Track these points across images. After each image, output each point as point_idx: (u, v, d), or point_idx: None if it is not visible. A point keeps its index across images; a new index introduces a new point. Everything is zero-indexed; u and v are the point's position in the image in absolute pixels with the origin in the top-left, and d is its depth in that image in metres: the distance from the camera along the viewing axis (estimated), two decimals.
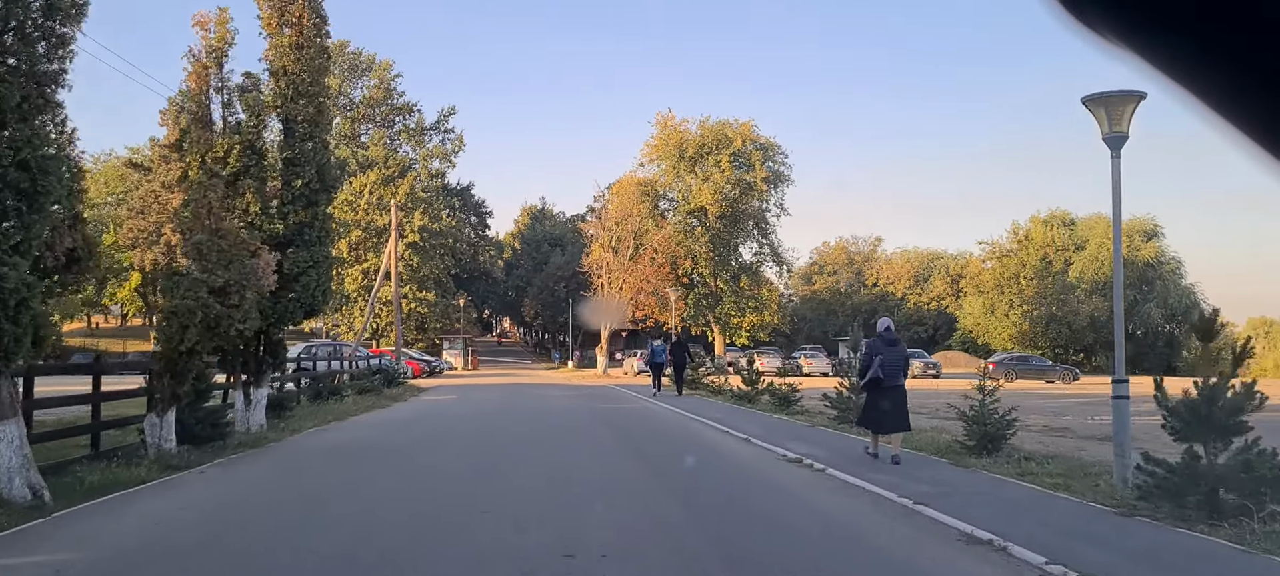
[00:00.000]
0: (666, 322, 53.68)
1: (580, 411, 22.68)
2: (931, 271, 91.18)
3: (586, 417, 21.09)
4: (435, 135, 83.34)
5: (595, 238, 50.28)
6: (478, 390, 34.19)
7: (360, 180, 63.95)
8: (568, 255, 76.33)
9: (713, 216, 51.83)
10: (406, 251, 61.85)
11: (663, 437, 16.77)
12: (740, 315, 51.68)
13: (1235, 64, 0.68)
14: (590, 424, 19.45)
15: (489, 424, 19.48)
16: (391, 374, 31.56)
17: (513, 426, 18.86)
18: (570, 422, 19.73)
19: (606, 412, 22.58)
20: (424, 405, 24.89)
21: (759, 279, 54.74)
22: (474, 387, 36.24)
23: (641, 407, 24.65)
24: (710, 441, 15.97)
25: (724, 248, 52.47)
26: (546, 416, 21.52)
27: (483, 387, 36.33)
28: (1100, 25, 0.72)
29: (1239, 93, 0.70)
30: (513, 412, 22.47)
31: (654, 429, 18.41)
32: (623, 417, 21.30)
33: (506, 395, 30.80)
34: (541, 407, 24.42)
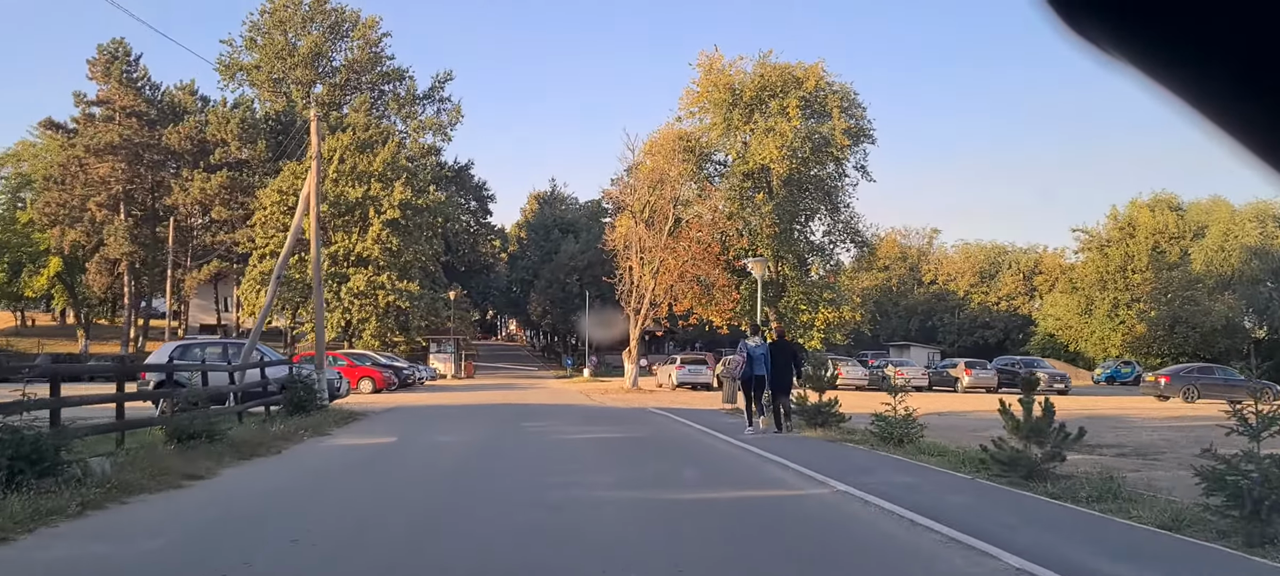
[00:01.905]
0: (714, 321, 40.35)
1: (636, 502, 9.25)
2: (998, 268, 77.84)
3: (661, 531, 7.67)
4: (429, 105, 70.43)
5: (623, 207, 36.93)
6: (449, 418, 21.17)
7: (328, 144, 50.78)
8: (582, 243, 63.20)
9: (778, 179, 38.48)
10: (383, 231, 48.76)
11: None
12: (811, 311, 38.35)
13: (1231, 73, 0.68)
14: None
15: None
16: (302, 392, 18.36)
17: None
18: None
19: (702, 510, 9.26)
20: (291, 474, 11.55)
21: (837, 264, 41.34)
22: (446, 413, 23.16)
23: (757, 474, 11.63)
24: None
25: (790, 222, 39.10)
26: (558, 527, 8.05)
27: (460, 413, 23.26)
28: (1097, 36, 0.71)
29: (1234, 101, 0.70)
30: (466, 508, 8.96)
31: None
32: (756, 528, 7.95)
33: (490, 430, 17.75)
34: (543, 476, 11.13)
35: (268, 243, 48.81)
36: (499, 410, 23.43)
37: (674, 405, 26.94)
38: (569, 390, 37.65)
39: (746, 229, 39.76)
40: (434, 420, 20.13)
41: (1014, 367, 42.49)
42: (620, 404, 27.39)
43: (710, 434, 16.63)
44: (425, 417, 20.90)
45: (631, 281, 37.80)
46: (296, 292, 48.93)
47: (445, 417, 20.82)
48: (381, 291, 48.48)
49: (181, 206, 52.42)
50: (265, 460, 11.88)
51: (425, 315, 50.58)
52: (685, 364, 38.73)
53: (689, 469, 12.02)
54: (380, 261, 49.30)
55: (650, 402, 28.59)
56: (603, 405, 26.61)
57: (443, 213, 53.56)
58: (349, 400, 27.58)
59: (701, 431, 17.23)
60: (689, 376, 38.28)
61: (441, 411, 23.23)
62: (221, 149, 52.68)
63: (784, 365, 17.80)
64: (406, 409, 24.24)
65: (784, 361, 17.91)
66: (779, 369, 17.64)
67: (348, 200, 48.91)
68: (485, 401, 28.15)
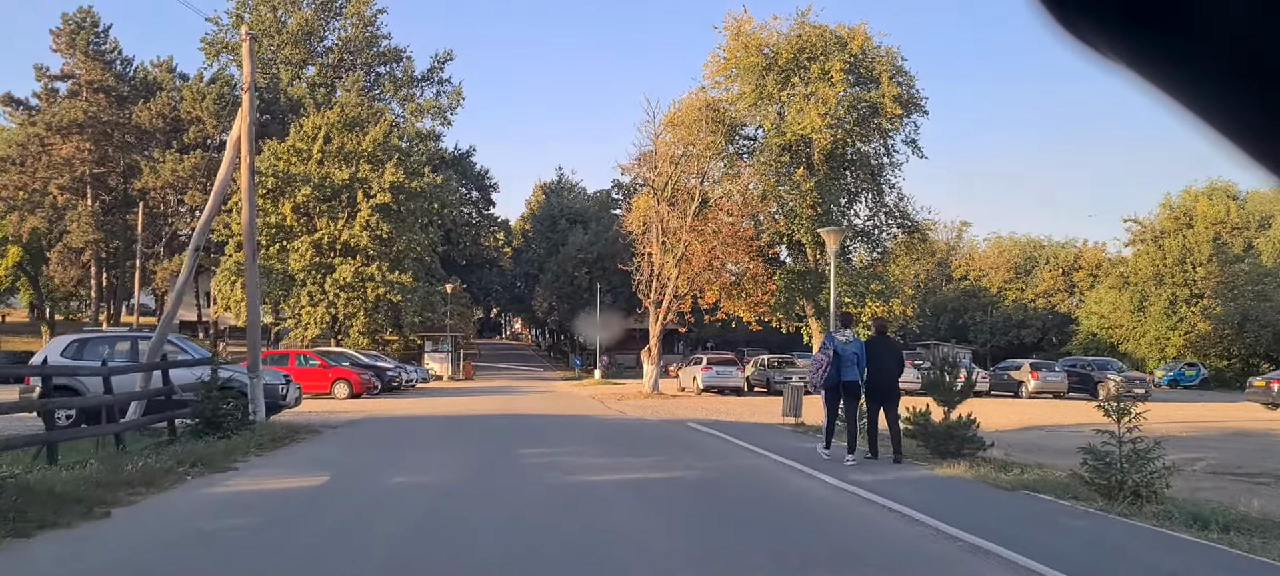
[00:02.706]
0: (743, 317, 35.05)
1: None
2: (1034, 263, 72.36)
3: None
4: (427, 87, 65.17)
5: (643, 184, 31.70)
6: (425, 438, 16.06)
7: (312, 121, 45.63)
8: (592, 233, 57.88)
9: (819, 153, 33.14)
10: (373, 217, 43.51)
11: None
12: (857, 304, 33.07)
13: (1224, 72, 0.68)
14: None
15: None
16: (220, 404, 13.16)
17: None
18: None
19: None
20: None
21: (886, 252, 35.95)
22: (426, 429, 18.03)
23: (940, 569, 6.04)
24: None
25: (833, 203, 33.79)
26: None
27: (443, 428, 18.12)
28: (1091, 36, 0.71)
29: (1228, 100, 0.70)
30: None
31: None
32: None
33: (473, 460, 12.68)
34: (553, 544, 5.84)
35: (244, 229, 43.55)
36: (494, 424, 18.17)
37: (713, 415, 21.65)
38: (579, 395, 32.40)
39: (782, 210, 34.44)
40: (404, 441, 14.87)
41: (1084, 370, 37.13)
42: (645, 414, 22.07)
43: (792, 468, 11.33)
44: (394, 437, 15.65)
45: (651, 270, 32.54)
46: (277, 284, 43.73)
47: (421, 437, 15.54)
48: (370, 283, 43.28)
49: (153, 190, 47.25)
50: (47, 538, 6.60)
51: (419, 310, 45.35)
52: (712, 364, 33.49)
53: (799, 545, 6.75)
54: (369, 250, 44.10)
55: (680, 411, 23.29)
56: (624, 416, 21.29)
57: (439, 198, 48.28)
58: (308, 409, 22.41)
59: (776, 462, 11.93)
60: (717, 379, 33.05)
61: (420, 426, 17.99)
62: (196, 127, 47.54)
63: (888, 368, 12.63)
64: (378, 421, 19.00)
65: (888, 363, 12.75)
66: (881, 373, 12.50)
67: (334, 183, 43.70)
68: (480, 410, 22.88)
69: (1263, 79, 0.65)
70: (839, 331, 12.97)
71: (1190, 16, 0.65)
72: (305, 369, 27.78)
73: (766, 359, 35.78)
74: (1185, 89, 0.69)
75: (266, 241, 44.27)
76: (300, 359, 28.12)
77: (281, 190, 43.53)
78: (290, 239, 44.25)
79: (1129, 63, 0.69)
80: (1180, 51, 0.67)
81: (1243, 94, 0.67)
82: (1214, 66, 0.66)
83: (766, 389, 34.20)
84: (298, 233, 43.94)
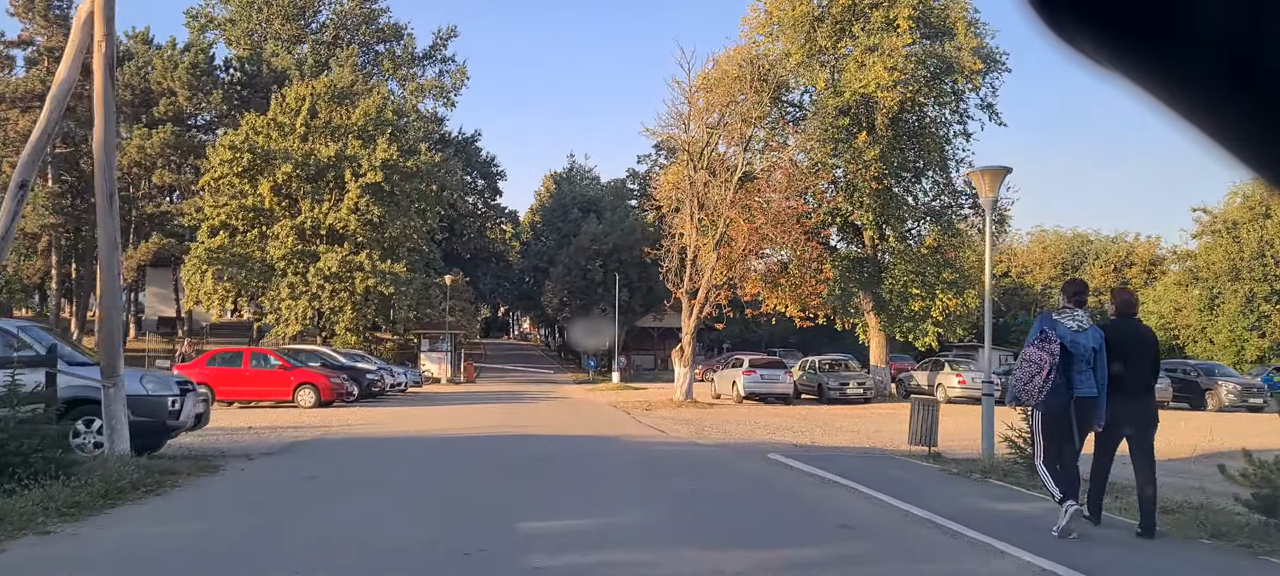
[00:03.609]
0: (788, 312, 29.48)
1: None
2: (1083, 259, 66.54)
3: None
4: (429, 66, 59.80)
5: (670, 158, 26.18)
6: (373, 485, 10.38)
7: (295, 92, 40.23)
8: (607, 223, 52.36)
9: (884, 116, 27.51)
10: (362, 199, 38.07)
11: None
12: (927, 297, 27.55)
13: (1220, 81, 0.67)
14: None
15: None
16: (29, 435, 7.50)
17: None
18: None
19: None
20: None
21: (961, 237, 30.26)
22: (385, 461, 12.56)
23: None
24: None
25: (897, 176, 28.24)
26: None
27: (410, 462, 12.65)
28: (1085, 45, 0.70)
29: (1224, 108, 0.69)
30: None
31: None
32: None
33: (441, 553, 6.45)
34: None
35: (218, 213, 38.31)
36: (490, 454, 12.58)
37: (782, 435, 16.06)
38: (597, 403, 26.87)
39: (838, 185, 28.91)
40: (338, 490, 9.27)
41: (1188, 376, 31.39)
42: (694, 433, 16.44)
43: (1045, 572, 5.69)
44: (332, 479, 10.05)
45: (682, 257, 27.02)
46: (255, 274, 38.34)
47: (371, 481, 9.92)
48: (359, 274, 37.83)
49: (119, 169, 41.77)
50: None
51: (415, 304, 39.88)
52: (755, 367, 27.85)
53: None
54: (358, 237, 38.67)
55: (734, 428, 17.68)
56: (669, 439, 15.61)
57: (438, 178, 42.81)
58: (257, 422, 17.11)
59: (996, 551, 6.28)
60: (761, 384, 27.46)
61: (384, 457, 12.43)
62: (168, 100, 42.17)
63: (1141, 369, 7.16)
64: (330, 446, 13.48)
65: (1141, 361, 7.24)
66: (1133, 378, 6.99)
67: (319, 161, 38.24)
68: (476, 426, 17.33)
69: (1259, 86, 0.63)
70: (1064, 309, 7.44)
71: (1184, 23, 0.64)
72: (261, 371, 22.34)
73: (816, 361, 30.17)
74: (1181, 97, 0.68)
75: (242, 226, 38.92)
76: (256, 359, 22.66)
77: (259, 169, 38.11)
78: (270, 223, 38.85)
79: (1123, 71, 0.68)
80: (1175, 59, 0.66)
81: (1239, 102, 0.66)
82: (1209, 74, 0.65)
83: (817, 396, 28.66)
84: (278, 216, 38.53)
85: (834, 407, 26.05)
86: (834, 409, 25.52)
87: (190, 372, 22.83)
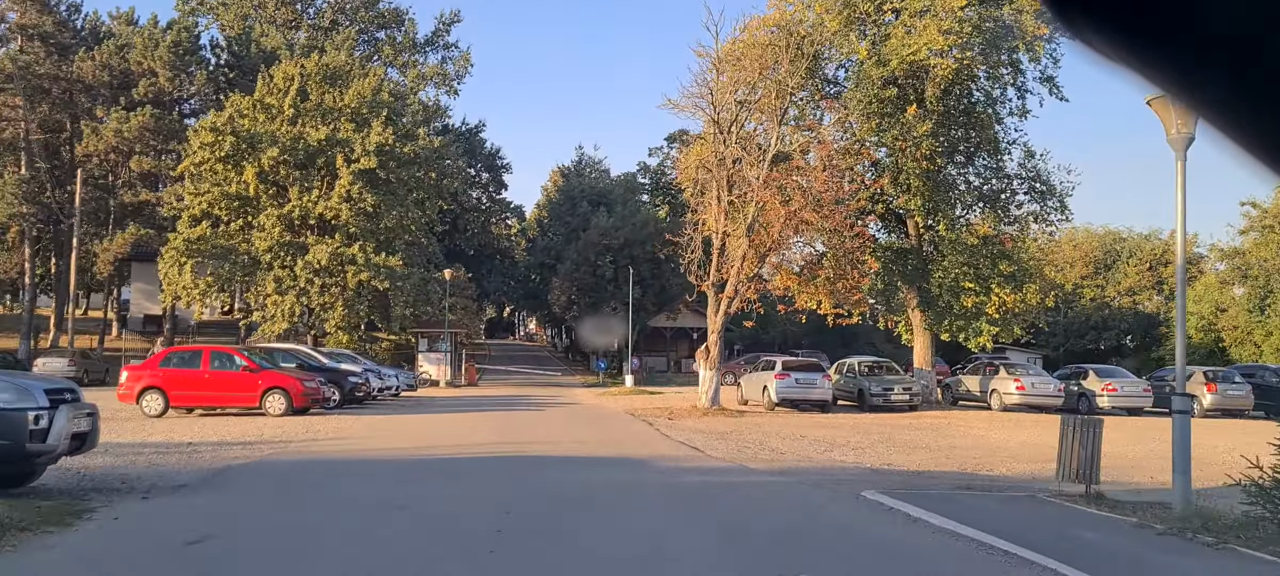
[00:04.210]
0: (820, 309, 26.19)
1: None
2: (1116, 257, 63.07)
3: None
4: (432, 54, 56.61)
5: (705, 126, 22.86)
6: (336, 514, 7.11)
7: (284, 71, 37.05)
8: (617, 217, 49.04)
9: (935, 88, 24.15)
10: (355, 185, 34.88)
11: None
12: (981, 293, 24.26)
13: (1226, 76, 0.67)
14: None
15: None
16: None
17: None
18: None
19: None
20: None
21: (1018, 222, 26.87)
22: (347, 492, 9.33)
23: None
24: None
25: (948, 156, 24.93)
26: None
27: (385, 489, 9.34)
28: (1095, 40, 0.71)
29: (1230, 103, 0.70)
30: None
31: None
32: None
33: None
34: None
35: (199, 201, 35.10)
36: (474, 490, 9.20)
37: (849, 457, 12.75)
38: (612, 410, 23.59)
39: (879, 167, 25.63)
40: (224, 572, 5.94)
41: (1271, 381, 27.98)
42: (742, 455, 13.08)
43: None
44: (224, 545, 6.68)
45: (707, 247, 23.75)
46: (240, 268, 35.15)
47: (279, 553, 6.57)
48: (351, 267, 34.59)
49: (96, 155, 38.73)
50: None
51: (412, 301, 36.62)
52: (790, 371, 24.49)
53: None
54: (351, 227, 35.42)
55: (787, 446, 14.34)
56: (712, 462, 12.17)
57: (438, 166, 39.56)
58: (179, 435, 13.99)
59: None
60: (795, 390, 24.13)
61: (327, 496, 9.07)
62: (148, 81, 39.01)
63: None
64: (263, 478, 10.20)
65: None
66: None
67: (307, 144, 35.01)
68: (464, 445, 14.04)
69: (1267, 81, 0.64)
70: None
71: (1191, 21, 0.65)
72: (223, 373, 19.08)
73: (856, 363, 26.82)
74: (1192, 94, 0.68)
75: (226, 215, 35.74)
76: (218, 359, 19.38)
77: (244, 154, 34.91)
78: (255, 213, 35.64)
79: (1133, 67, 0.68)
80: (1185, 57, 0.66)
81: (1247, 97, 0.66)
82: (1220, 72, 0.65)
83: (856, 403, 25.36)
84: (264, 205, 35.32)
85: (878, 416, 22.75)
86: (879, 418, 22.22)
87: (141, 374, 19.68)
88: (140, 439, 14.20)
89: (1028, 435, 18.18)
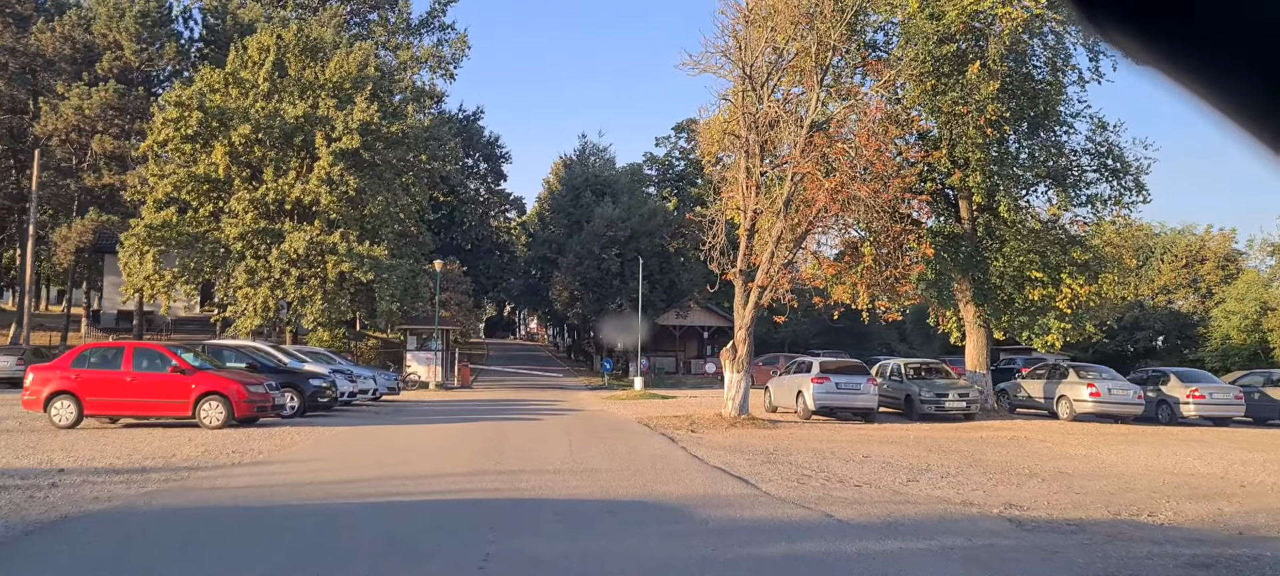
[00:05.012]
0: (855, 305, 22.59)
1: None
2: (1149, 254, 59.33)
3: None
4: (427, 34, 53.02)
5: (733, 86, 19.06)
6: None
7: (258, 41, 33.48)
8: (623, 208, 45.46)
9: (1000, 45, 20.50)
10: (336, 167, 31.30)
11: None
12: (1050, 282, 20.63)
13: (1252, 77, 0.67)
14: None
15: None
16: None
17: None
18: None
19: None
20: None
21: (1090, 202, 23.19)
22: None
23: None
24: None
25: (1012, 125, 21.29)
26: None
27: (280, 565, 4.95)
28: (1121, 41, 0.70)
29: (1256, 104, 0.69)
30: None
31: None
32: None
33: None
34: None
35: (163, 184, 31.55)
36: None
37: (956, 492, 9.00)
38: (621, 420, 19.98)
39: (928, 140, 22.03)
40: None
41: None
42: (794, 482, 9.39)
43: None
44: None
45: (730, 231, 20.18)
46: (207, 257, 31.57)
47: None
48: (332, 257, 31.01)
49: (57, 135, 35.16)
50: None
51: (400, 295, 33.00)
52: (827, 374, 20.84)
53: None
54: (331, 213, 31.85)
55: (858, 472, 10.67)
56: (779, 512, 8.34)
57: (429, 148, 35.97)
58: (50, 457, 10.45)
59: None
60: (836, 395, 20.53)
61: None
62: (113, 55, 35.44)
63: None
64: (100, 545, 6.59)
65: None
66: None
67: (284, 121, 31.42)
68: (429, 478, 10.43)
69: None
70: None
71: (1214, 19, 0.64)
72: (150, 376, 15.45)
73: (901, 365, 23.17)
74: (1218, 95, 0.66)
75: (195, 200, 32.19)
76: (144, 358, 15.75)
77: (214, 132, 31.36)
78: (227, 197, 32.08)
79: (1159, 66, 0.67)
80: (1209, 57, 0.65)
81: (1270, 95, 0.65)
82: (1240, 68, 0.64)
83: (904, 411, 21.76)
84: (232, 187, 31.74)
85: (934, 428, 19.14)
86: (938, 430, 18.61)
87: (50, 377, 16.06)
88: (11, 463, 10.65)
89: (1144, 455, 14.56)
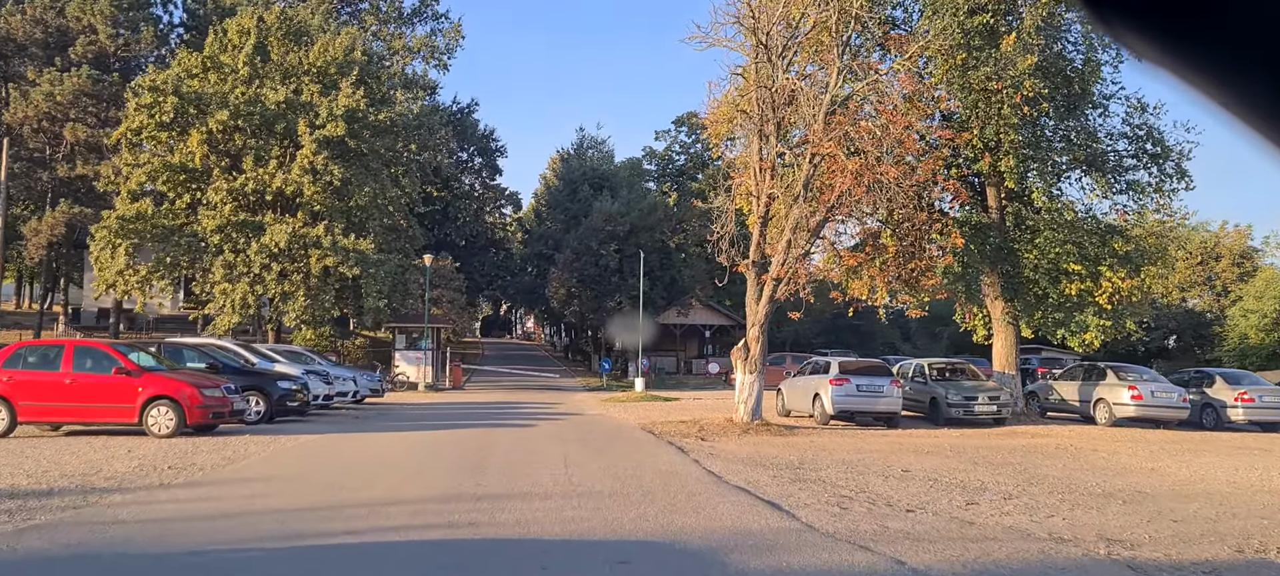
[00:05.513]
0: (872, 301, 20.85)
1: None
2: (1163, 250, 57.53)
3: None
4: (420, 24, 51.18)
5: (755, 46, 17.11)
6: None
7: (238, 23, 31.64)
8: (623, 202, 43.62)
9: (1036, 15, 18.71)
10: (319, 155, 29.46)
11: None
12: (1089, 277, 18.86)
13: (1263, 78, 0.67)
14: None
15: None
16: None
17: None
18: None
19: None
20: None
21: (1131, 188, 21.37)
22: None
23: None
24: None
25: (1050, 102, 19.49)
26: None
27: None
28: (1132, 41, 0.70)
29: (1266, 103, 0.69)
30: None
31: None
32: None
33: None
34: None
35: (137, 173, 29.73)
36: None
37: (1079, 535, 7.08)
38: (623, 425, 18.16)
39: (954, 121, 20.24)
40: None
41: None
42: (833, 510, 7.57)
43: None
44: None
45: (741, 218, 18.40)
46: (183, 251, 29.73)
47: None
48: (315, 251, 29.17)
49: (28, 123, 33.30)
50: None
51: (388, 291, 31.15)
52: (847, 375, 19.04)
53: None
54: (315, 205, 30.02)
55: (903, 495, 8.79)
56: (831, 557, 6.68)
57: (422, 138, 34.14)
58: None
59: None
60: (857, 398, 18.72)
61: None
62: (87, 39, 33.59)
63: None
64: None
65: None
66: None
67: (264, 107, 29.57)
68: (389, 507, 8.61)
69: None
70: None
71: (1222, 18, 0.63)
72: (91, 378, 13.62)
73: (925, 365, 21.38)
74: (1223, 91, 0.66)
75: (171, 190, 30.35)
76: (85, 357, 13.92)
77: (190, 118, 29.53)
78: (205, 188, 30.25)
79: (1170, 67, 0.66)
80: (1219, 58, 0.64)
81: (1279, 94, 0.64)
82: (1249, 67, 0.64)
83: (928, 416, 19.99)
84: (209, 176, 29.90)
85: (966, 434, 17.37)
86: (973, 437, 16.82)
87: None
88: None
89: (1218, 468, 12.77)
